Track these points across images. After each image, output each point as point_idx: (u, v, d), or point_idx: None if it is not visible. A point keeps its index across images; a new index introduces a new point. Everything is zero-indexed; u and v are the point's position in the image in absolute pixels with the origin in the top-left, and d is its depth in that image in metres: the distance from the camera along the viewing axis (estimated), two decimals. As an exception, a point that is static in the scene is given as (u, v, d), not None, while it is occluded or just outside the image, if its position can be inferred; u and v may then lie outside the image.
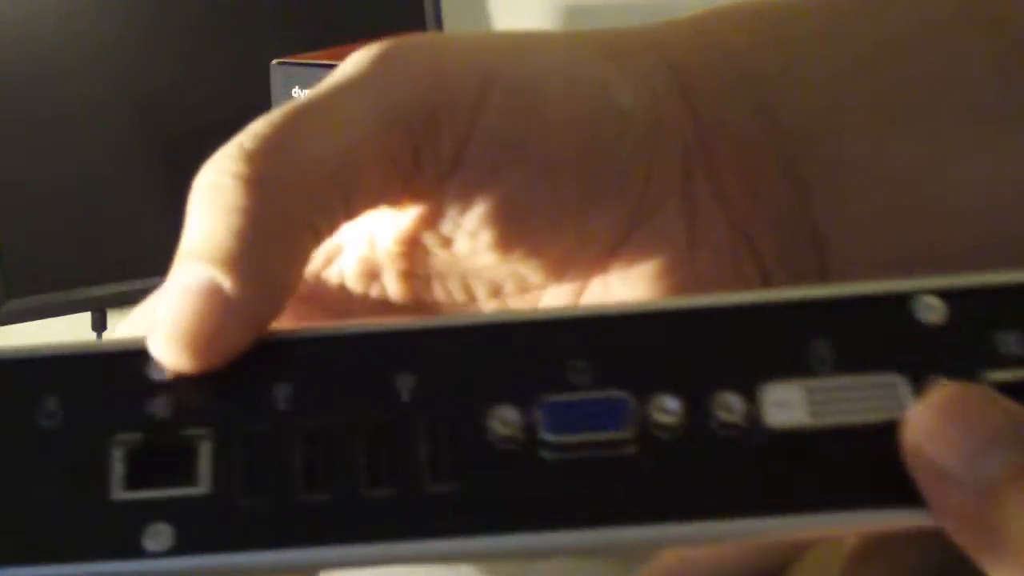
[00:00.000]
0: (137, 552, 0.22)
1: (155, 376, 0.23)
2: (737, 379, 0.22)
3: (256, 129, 0.24)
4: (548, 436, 0.22)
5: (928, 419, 0.21)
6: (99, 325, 0.92)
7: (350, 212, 0.24)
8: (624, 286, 0.28)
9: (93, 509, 0.22)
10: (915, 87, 0.27)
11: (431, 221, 0.26)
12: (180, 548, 0.22)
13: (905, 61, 0.28)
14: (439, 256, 0.27)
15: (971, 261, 0.28)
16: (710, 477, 0.22)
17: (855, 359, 0.22)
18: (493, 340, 0.23)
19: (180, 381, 0.23)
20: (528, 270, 0.27)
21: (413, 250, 0.27)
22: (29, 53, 0.89)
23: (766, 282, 0.28)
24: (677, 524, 0.21)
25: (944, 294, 0.22)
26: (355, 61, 0.25)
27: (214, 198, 0.23)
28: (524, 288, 0.28)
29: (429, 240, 0.27)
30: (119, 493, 0.22)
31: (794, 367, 0.22)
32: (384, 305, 0.29)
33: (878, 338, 0.22)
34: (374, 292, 0.28)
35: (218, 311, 0.22)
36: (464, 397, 0.22)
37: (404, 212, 0.26)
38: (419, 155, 0.25)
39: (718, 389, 0.22)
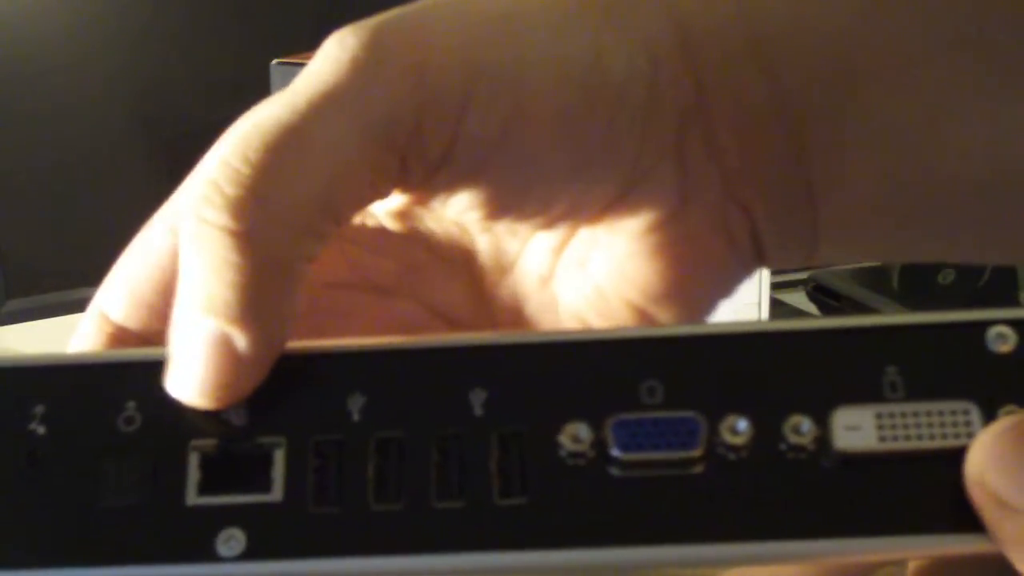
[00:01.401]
0: (210, 556, 0.22)
1: None
2: (808, 403, 0.22)
3: (234, 166, 0.23)
4: (617, 453, 0.22)
5: (990, 447, 0.21)
6: (98, 326, 0.91)
7: (340, 225, 0.24)
8: (612, 239, 0.28)
9: (168, 513, 0.22)
10: (924, 36, 0.27)
11: (420, 203, 0.27)
12: (252, 554, 0.22)
13: (916, 9, 0.27)
14: (429, 214, 0.28)
15: (968, 228, 0.28)
16: (776, 498, 0.22)
17: (927, 386, 0.22)
18: (566, 357, 0.23)
19: (257, 389, 0.23)
20: (518, 230, 0.28)
21: (403, 213, 0.28)
22: (29, 54, 0.88)
23: (755, 241, 0.28)
24: (742, 543, 0.22)
25: (1016, 324, 0.23)
26: (331, 61, 0.24)
27: (205, 251, 0.22)
28: (513, 234, 0.29)
29: (418, 210, 0.28)
30: (194, 498, 0.22)
31: (866, 392, 0.22)
32: (379, 232, 0.29)
33: (950, 366, 0.23)
34: (370, 222, 0.29)
35: (232, 362, 0.23)
36: (536, 413, 0.23)
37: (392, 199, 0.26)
38: (406, 161, 0.24)
39: (789, 412, 0.22)
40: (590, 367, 0.23)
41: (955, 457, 0.22)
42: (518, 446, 0.23)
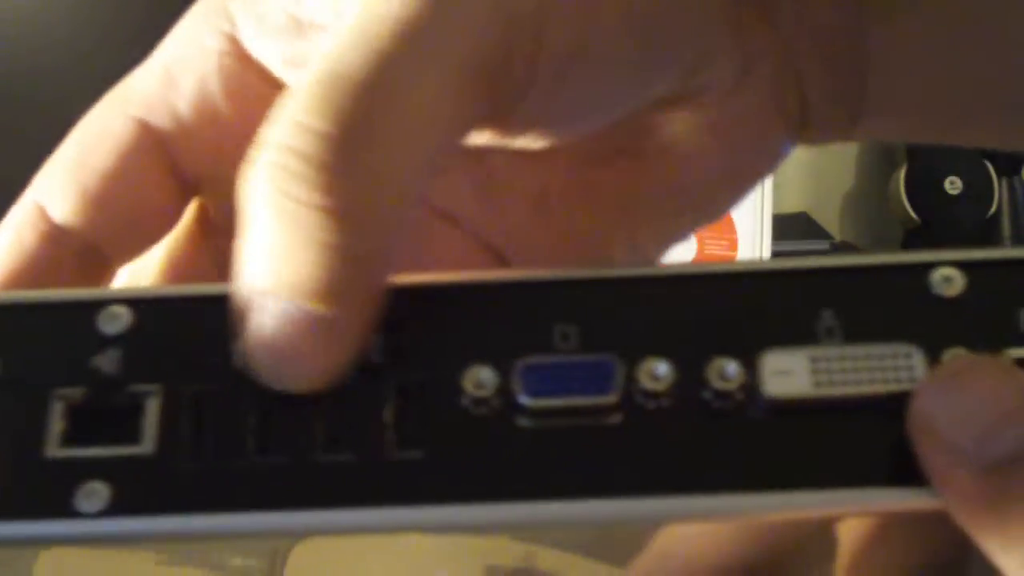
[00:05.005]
0: (68, 512, 0.20)
1: (106, 330, 0.21)
2: (736, 346, 0.20)
3: (316, 127, 0.19)
4: (525, 400, 0.20)
5: (938, 389, 0.19)
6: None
7: (433, 179, 0.21)
8: (663, 124, 0.26)
9: (26, 466, 0.20)
10: None
11: (500, 135, 0.24)
12: (115, 509, 0.20)
13: None
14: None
15: None
16: (700, 449, 0.20)
17: (866, 330, 0.20)
18: (475, 299, 0.21)
19: (133, 337, 0.21)
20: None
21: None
22: (30, 53, 0.88)
23: (804, 114, 0.26)
24: (662, 498, 0.20)
25: (963, 266, 0.21)
26: None
27: (292, 227, 0.19)
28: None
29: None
30: (54, 450, 0.20)
31: (799, 336, 0.20)
32: None
33: (892, 309, 0.20)
34: None
35: (337, 345, 0.20)
36: (437, 357, 0.21)
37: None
38: (495, 91, 0.21)
39: (714, 355, 0.20)
40: (499, 309, 0.21)
41: (895, 403, 0.19)
42: (416, 394, 0.21)
